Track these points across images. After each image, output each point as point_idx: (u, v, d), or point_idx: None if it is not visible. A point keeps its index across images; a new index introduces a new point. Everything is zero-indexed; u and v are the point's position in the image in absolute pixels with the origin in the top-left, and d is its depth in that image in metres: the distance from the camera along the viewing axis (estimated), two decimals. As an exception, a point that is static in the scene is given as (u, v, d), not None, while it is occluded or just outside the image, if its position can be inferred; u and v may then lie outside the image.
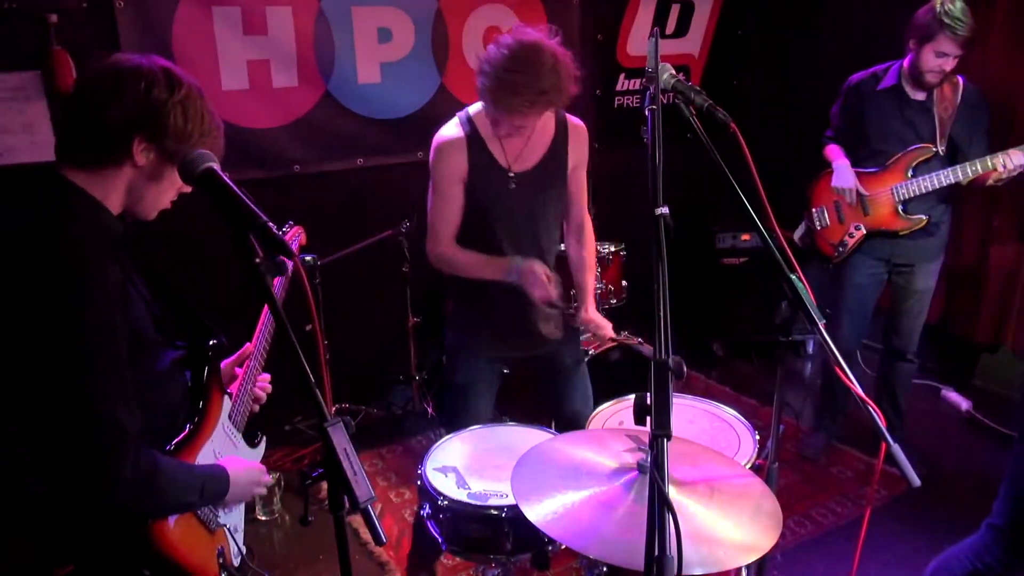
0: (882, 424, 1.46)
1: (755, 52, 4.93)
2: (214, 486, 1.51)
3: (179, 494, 1.43)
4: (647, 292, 1.29)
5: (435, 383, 4.00)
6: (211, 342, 1.65)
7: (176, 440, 1.54)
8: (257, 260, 1.09)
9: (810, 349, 4.66)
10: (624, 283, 3.71)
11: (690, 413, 2.29)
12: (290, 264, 1.13)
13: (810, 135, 3.55)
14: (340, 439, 1.02)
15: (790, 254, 1.56)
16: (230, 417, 1.71)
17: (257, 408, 1.83)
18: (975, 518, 2.13)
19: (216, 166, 1.24)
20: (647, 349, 3.45)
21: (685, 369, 1.09)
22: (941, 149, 3.10)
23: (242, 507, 1.72)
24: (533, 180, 2.34)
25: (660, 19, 4.51)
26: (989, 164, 2.96)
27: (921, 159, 3.12)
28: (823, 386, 3.69)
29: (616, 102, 4.52)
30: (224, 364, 1.76)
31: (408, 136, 3.84)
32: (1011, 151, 2.93)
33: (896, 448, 1.45)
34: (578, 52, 4.33)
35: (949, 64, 2.96)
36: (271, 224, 1.09)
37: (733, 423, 2.20)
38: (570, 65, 2.14)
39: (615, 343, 3.17)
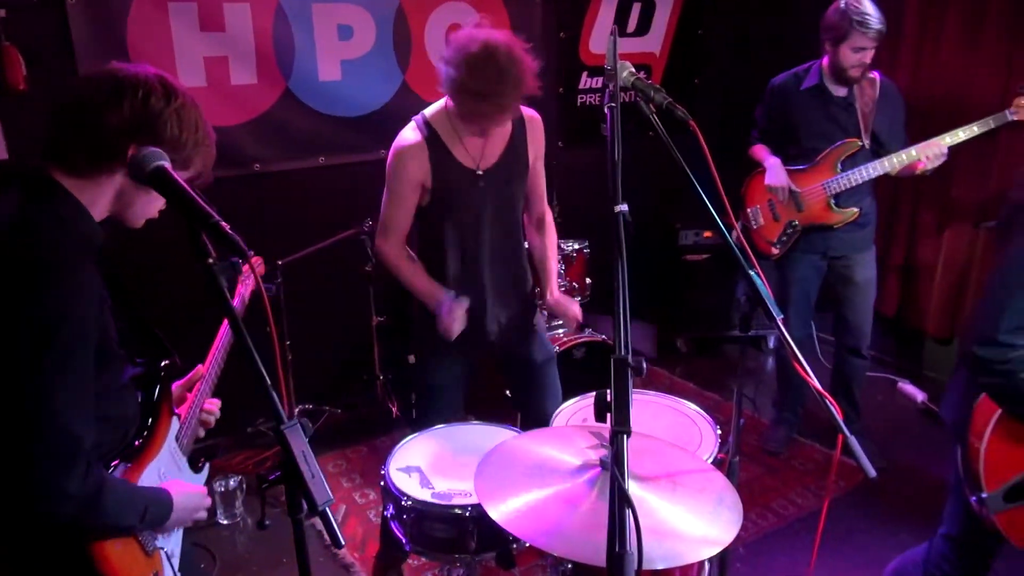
0: (839, 416, 1.49)
1: (715, 51, 4.97)
2: (157, 510, 1.47)
3: (121, 515, 1.39)
4: (611, 289, 1.30)
5: (399, 383, 3.98)
6: (164, 362, 1.63)
7: (121, 457, 1.51)
8: (210, 260, 1.08)
9: (771, 344, 4.73)
10: (588, 280, 3.73)
11: (653, 409, 2.31)
12: (252, 268, 1.12)
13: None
14: (297, 441, 1.00)
15: (748, 250, 1.59)
16: (177, 439, 1.69)
17: (202, 432, 1.81)
18: (932, 508, 2.16)
19: (167, 164, 1.21)
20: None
21: (646, 366, 1.10)
22: (866, 143, 3.19)
23: (180, 532, 1.69)
24: (497, 176, 2.34)
25: (622, 17, 4.53)
26: (914, 154, 3.06)
27: (848, 153, 3.21)
28: (780, 380, 3.75)
29: (579, 100, 4.53)
30: (175, 385, 1.74)
31: (370, 134, 3.80)
32: (932, 140, 3.03)
33: (852, 440, 1.48)
34: (540, 50, 4.35)
35: (868, 56, 3.07)
36: (224, 224, 1.08)
37: (695, 418, 2.22)
38: (529, 62, 2.15)
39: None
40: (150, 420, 1.58)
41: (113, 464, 1.49)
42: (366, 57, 3.76)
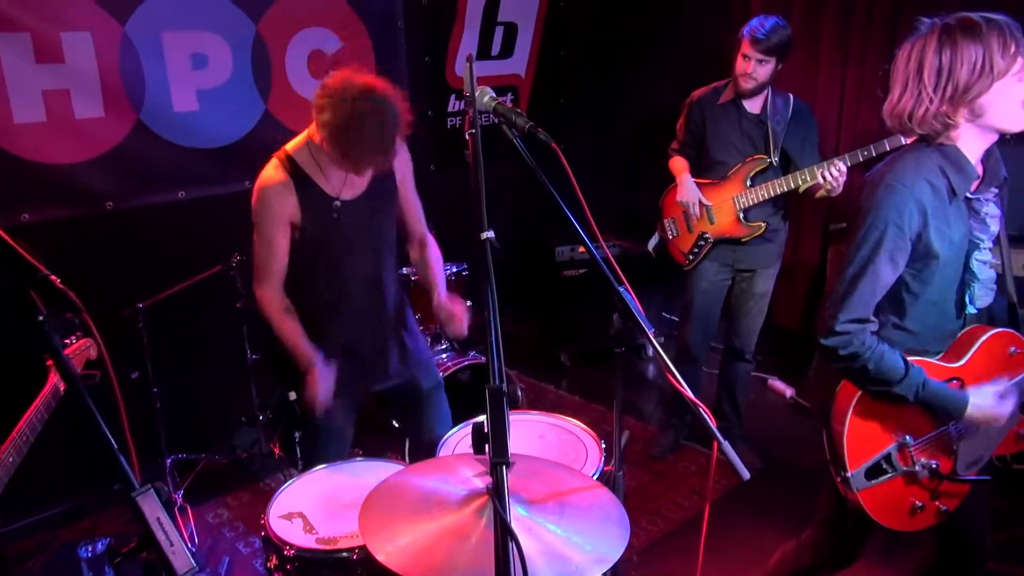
0: (712, 423, 1.53)
1: (578, 71, 5.12)
2: None
3: None
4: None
5: (280, 421, 3.82)
6: None
7: None
8: (41, 318, 0.98)
9: (650, 352, 4.86)
10: (468, 303, 3.71)
11: (539, 428, 2.31)
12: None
13: (635, 148, 3.71)
14: (152, 508, 0.92)
15: (616, 266, 1.62)
16: None
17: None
18: (808, 499, 2.27)
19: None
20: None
21: (520, 395, 1.09)
22: (775, 160, 3.31)
23: None
24: (364, 206, 2.31)
25: (485, 41, 4.59)
26: (816, 173, 3.13)
27: (758, 169, 3.33)
28: (669, 388, 3.83)
29: (448, 123, 4.54)
30: None
31: (234, 165, 3.66)
32: (835, 160, 3.11)
33: (726, 445, 1.53)
34: (406, 75, 4.35)
35: (750, 67, 3.18)
36: (53, 277, 0.98)
37: (580, 434, 2.24)
38: (406, 111, 2.15)
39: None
40: None
41: None
42: (224, 86, 3.62)
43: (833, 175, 3.10)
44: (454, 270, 3.65)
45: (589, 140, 4.85)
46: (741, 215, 3.38)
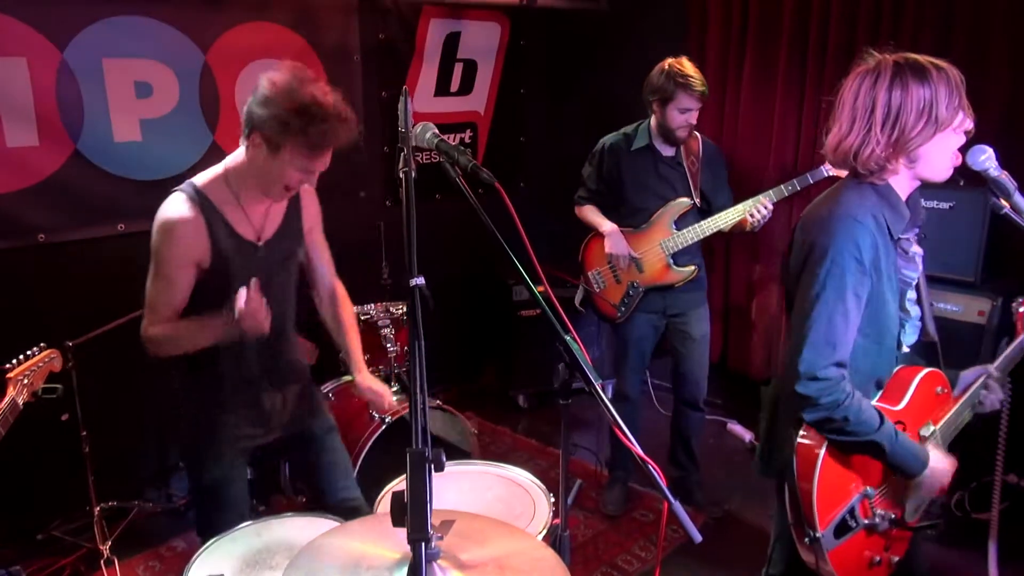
0: (663, 483, 1.45)
1: (536, 110, 5.09)
2: None
3: None
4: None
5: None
6: None
7: None
8: None
9: (609, 394, 4.78)
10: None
11: (487, 480, 2.20)
12: None
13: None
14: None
15: (563, 314, 1.53)
16: None
17: None
18: (761, 549, 2.18)
19: None
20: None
21: (444, 460, 0.99)
22: (697, 201, 3.27)
23: None
24: (277, 247, 2.20)
25: (444, 76, 4.54)
26: (742, 210, 3.15)
27: (681, 212, 3.28)
28: (611, 439, 3.69)
29: (405, 158, 4.47)
30: None
31: (178, 198, 3.53)
32: (760, 197, 3.14)
33: (677, 507, 1.45)
34: (362, 109, 4.28)
35: (694, 117, 3.16)
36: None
37: (528, 487, 2.14)
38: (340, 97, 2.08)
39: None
40: None
41: None
42: (169, 116, 3.50)
43: (760, 212, 3.12)
44: (405, 309, 3.54)
45: (551, 177, 4.81)
46: (671, 260, 3.31)
